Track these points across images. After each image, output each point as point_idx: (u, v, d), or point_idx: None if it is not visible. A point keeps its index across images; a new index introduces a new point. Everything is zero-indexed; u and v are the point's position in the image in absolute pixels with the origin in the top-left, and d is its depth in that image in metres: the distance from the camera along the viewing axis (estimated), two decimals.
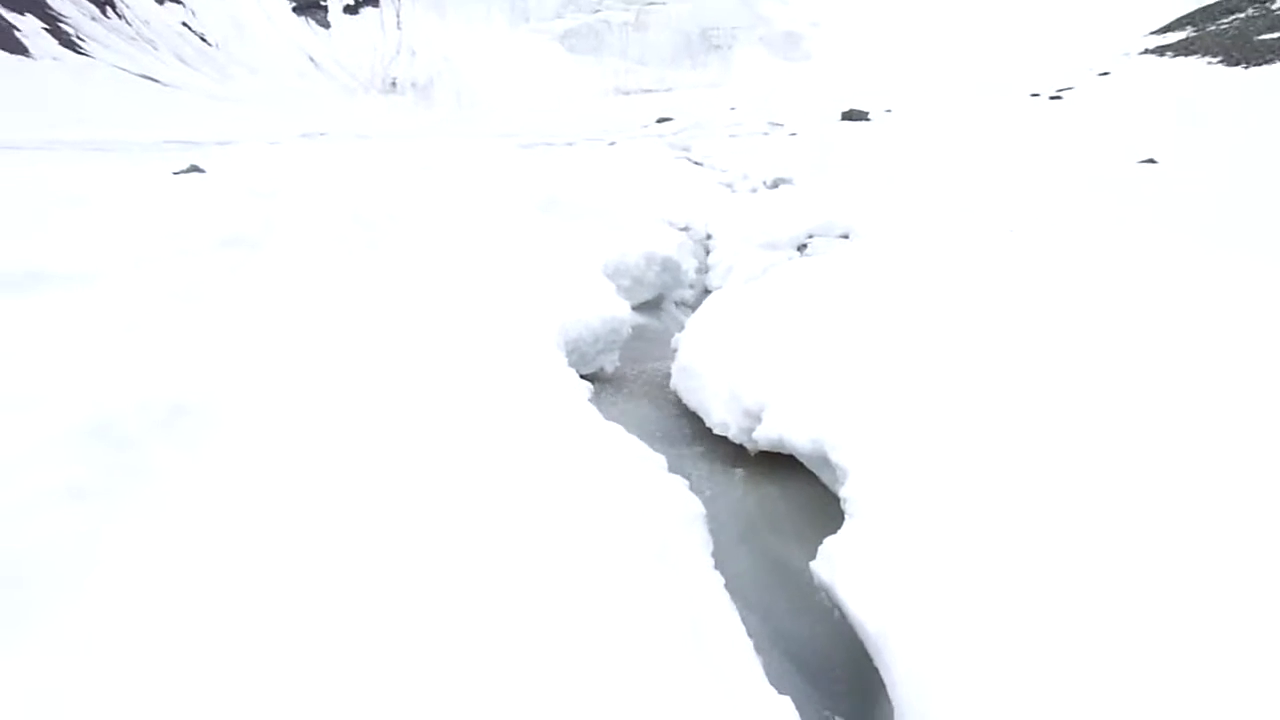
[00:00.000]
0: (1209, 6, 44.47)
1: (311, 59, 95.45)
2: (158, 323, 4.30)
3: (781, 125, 38.08)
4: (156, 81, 65.91)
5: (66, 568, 2.32)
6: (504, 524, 2.82)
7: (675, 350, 6.10)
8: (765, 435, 4.43)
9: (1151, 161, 15.12)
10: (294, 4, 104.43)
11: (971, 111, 30.28)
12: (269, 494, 2.85)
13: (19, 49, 56.57)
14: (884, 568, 2.88)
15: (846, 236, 10.85)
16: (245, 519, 2.69)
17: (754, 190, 16.71)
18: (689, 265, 9.57)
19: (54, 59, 58.96)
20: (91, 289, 4.80)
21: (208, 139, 34.04)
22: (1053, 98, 30.21)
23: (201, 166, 11.82)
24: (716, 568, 3.07)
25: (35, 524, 2.39)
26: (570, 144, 34.52)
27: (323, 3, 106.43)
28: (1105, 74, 35.04)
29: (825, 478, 4.17)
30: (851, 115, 34.58)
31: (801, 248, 10.73)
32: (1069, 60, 52.16)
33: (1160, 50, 37.38)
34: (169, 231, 6.28)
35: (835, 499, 3.88)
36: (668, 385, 5.94)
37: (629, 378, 6.49)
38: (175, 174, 10.93)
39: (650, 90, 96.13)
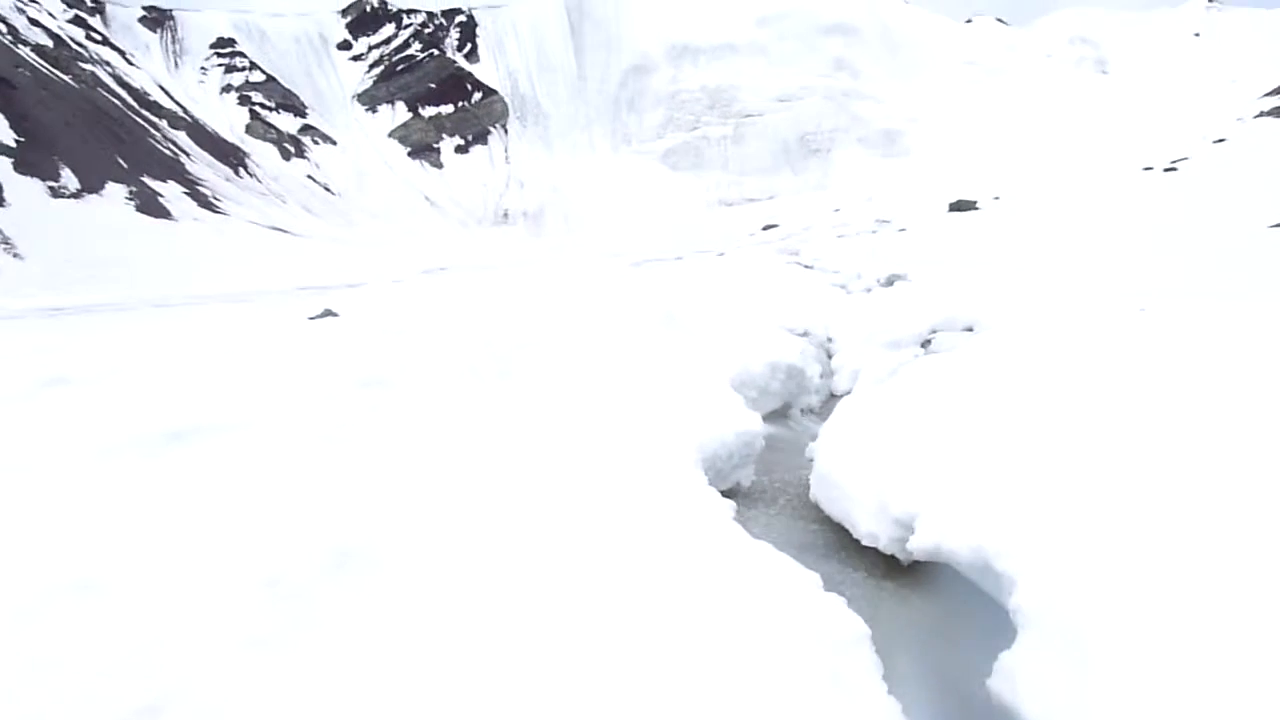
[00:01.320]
0: None
1: (427, 198, 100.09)
2: (310, 467, 4.44)
3: (889, 222, 38.01)
4: (286, 232, 69.87)
5: (255, 714, 2.37)
6: (673, 655, 2.77)
7: (811, 460, 6.00)
8: (920, 545, 4.25)
9: None
10: (409, 149, 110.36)
11: (1083, 191, 29.72)
12: (434, 638, 2.87)
13: (163, 213, 60.81)
14: (1071, 684, 2.71)
15: (971, 329, 10.63)
16: (414, 664, 2.71)
17: (868, 289, 16.62)
18: (813, 371, 9.49)
19: (194, 219, 63.13)
20: (246, 437, 5.00)
21: (337, 282, 35.76)
22: (1167, 169, 29.45)
23: (334, 310, 12.32)
24: (889, 691, 2.93)
25: (224, 673, 2.46)
26: (679, 258, 35.06)
27: (435, 145, 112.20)
28: (1221, 140, 34.09)
29: (988, 587, 3.97)
30: (960, 206, 34.33)
31: (925, 344, 10.56)
32: (1181, 130, 50.98)
33: (1277, 112, 36.25)
34: (310, 375, 6.54)
35: (1001, 609, 3.69)
36: (807, 496, 5.82)
37: (767, 491, 6.39)
38: (311, 319, 11.43)
39: (754, 199, 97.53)
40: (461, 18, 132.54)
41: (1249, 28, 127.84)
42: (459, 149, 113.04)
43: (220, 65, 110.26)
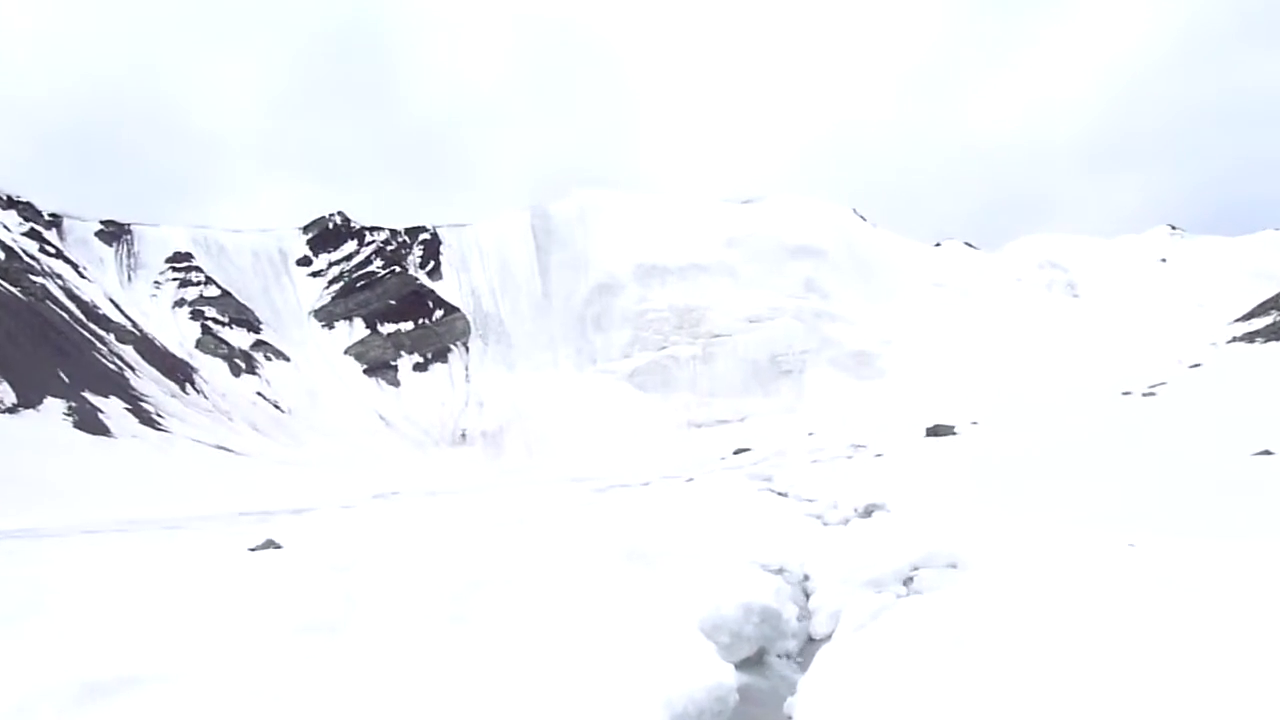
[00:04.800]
0: None
1: (382, 417, 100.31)
2: None
3: (864, 446, 38.45)
4: (231, 451, 69.53)
5: None
6: None
7: (790, 718, 5.80)
8: None
9: (1267, 453, 14.77)
10: (365, 366, 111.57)
11: (1062, 416, 30.37)
12: None
13: (102, 430, 60.55)
14: None
15: (955, 566, 10.56)
16: None
17: (846, 520, 16.59)
18: (790, 613, 9.31)
19: (134, 436, 62.81)
20: (168, 692, 4.80)
21: (282, 506, 35.28)
22: (1146, 394, 30.27)
23: (276, 540, 12.13)
24: None
25: None
26: (646, 483, 35.02)
27: (393, 363, 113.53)
28: (1197, 365, 35.30)
29: None
30: (937, 430, 34.90)
31: (908, 582, 10.46)
32: (1155, 355, 52.80)
33: (1249, 337, 37.77)
34: (246, 619, 6.35)
35: None
36: None
37: None
38: (251, 550, 11.22)
39: (724, 421, 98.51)
40: (425, 235, 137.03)
41: (1212, 254, 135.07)
42: (417, 367, 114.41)
43: (175, 279, 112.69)
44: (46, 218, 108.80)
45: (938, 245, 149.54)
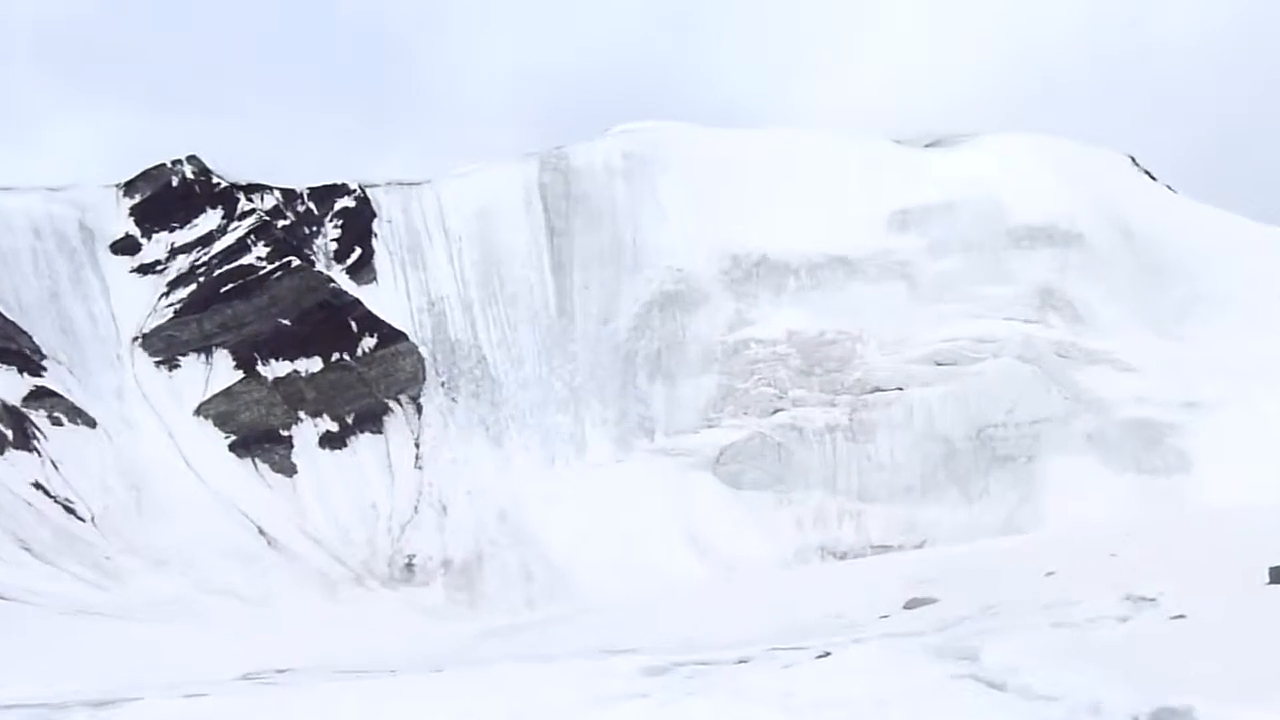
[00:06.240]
0: None
1: (261, 530, 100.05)
2: None
3: (1152, 600, 37.77)
4: None
5: None
6: None
7: None
8: None
9: None
10: (233, 437, 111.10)
11: None
12: None
13: None
14: None
15: None
16: None
17: None
18: None
19: None
20: None
21: (77, 694, 35.14)
22: None
23: None
24: None
25: None
26: (743, 660, 34.58)
27: (284, 432, 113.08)
28: None
29: None
30: None
31: None
32: None
33: None
34: None
35: None
36: None
37: None
38: None
39: (886, 546, 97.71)
40: (348, 201, 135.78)
41: None
42: (329, 440, 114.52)
43: None
44: None
45: None
